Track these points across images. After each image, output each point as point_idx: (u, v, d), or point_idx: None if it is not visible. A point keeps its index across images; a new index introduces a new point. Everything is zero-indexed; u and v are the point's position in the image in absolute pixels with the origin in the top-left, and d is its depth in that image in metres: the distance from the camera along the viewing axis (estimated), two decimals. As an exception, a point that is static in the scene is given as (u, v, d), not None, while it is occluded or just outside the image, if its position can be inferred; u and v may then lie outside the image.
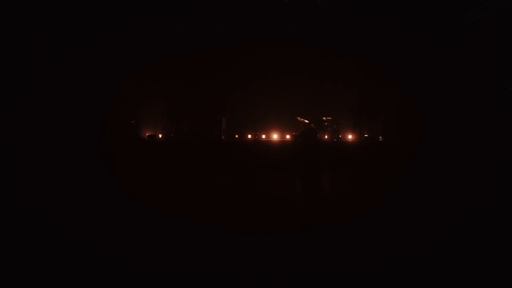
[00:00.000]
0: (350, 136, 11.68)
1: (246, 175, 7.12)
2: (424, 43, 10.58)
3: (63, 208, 3.68)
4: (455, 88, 9.81)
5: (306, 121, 12.28)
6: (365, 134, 11.33)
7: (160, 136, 12.74)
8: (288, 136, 13.48)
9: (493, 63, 8.82)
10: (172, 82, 13.41)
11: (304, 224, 3.13)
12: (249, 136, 12.91)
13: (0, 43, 8.94)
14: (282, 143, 9.87)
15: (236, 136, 12.96)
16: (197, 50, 13.19)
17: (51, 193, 4.51)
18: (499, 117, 7.96)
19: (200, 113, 13.00)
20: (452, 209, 3.58)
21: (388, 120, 11.15)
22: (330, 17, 11.79)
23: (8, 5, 8.95)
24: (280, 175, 7.03)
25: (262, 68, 13.11)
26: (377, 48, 11.53)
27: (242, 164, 7.97)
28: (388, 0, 10.87)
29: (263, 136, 13.09)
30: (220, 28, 12.86)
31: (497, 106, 8.21)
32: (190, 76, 13.63)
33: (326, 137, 11.96)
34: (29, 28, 9.93)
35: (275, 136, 13.42)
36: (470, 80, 9.36)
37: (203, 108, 13.14)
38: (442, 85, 10.19)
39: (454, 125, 8.94)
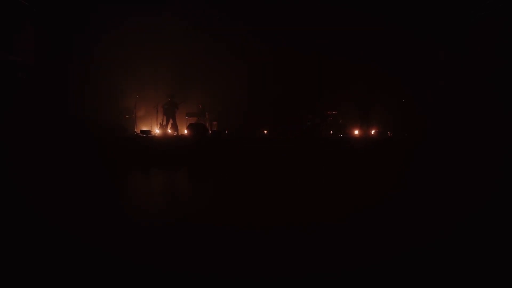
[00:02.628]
0: (356, 132, 11.32)
1: (246, 172, 7.03)
2: (426, 42, 10.53)
3: (58, 207, 3.67)
4: (456, 86, 9.75)
5: (311, 115, 11.98)
6: (372, 130, 10.98)
7: (157, 131, 12.52)
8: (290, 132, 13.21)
9: (494, 63, 8.75)
10: (169, 77, 13.31)
11: (305, 223, 3.11)
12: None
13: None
14: (284, 138, 9.65)
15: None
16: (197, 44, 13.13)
17: (45, 192, 4.50)
18: (499, 116, 7.90)
19: (200, 106, 12.90)
20: (452, 209, 3.58)
21: (397, 115, 10.87)
22: (332, 16, 11.70)
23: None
24: (281, 172, 6.95)
25: (263, 63, 13.02)
26: (378, 47, 11.50)
27: (243, 161, 7.91)
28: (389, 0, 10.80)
29: (265, 132, 12.93)
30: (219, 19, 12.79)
31: (498, 105, 8.14)
32: (188, 71, 13.56)
33: (331, 132, 11.64)
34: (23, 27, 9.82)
35: (277, 132, 13.22)
36: (473, 79, 9.27)
37: (202, 103, 13.05)
38: (444, 82, 10.13)
39: (455, 123, 8.84)
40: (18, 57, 9.42)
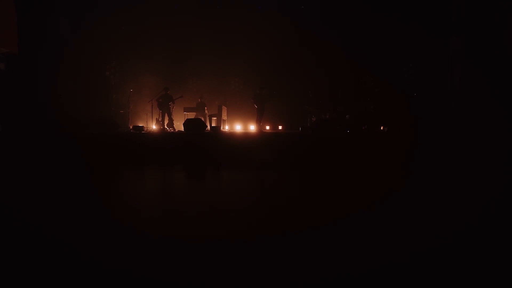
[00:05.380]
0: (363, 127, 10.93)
1: (245, 171, 6.73)
2: (426, 40, 10.34)
3: (45, 210, 3.51)
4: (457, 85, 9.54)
5: (316, 110, 11.66)
6: (381, 127, 10.62)
7: (154, 127, 12.04)
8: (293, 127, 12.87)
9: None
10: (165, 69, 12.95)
11: (305, 225, 2.99)
12: (252, 127, 12.27)
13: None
14: (289, 135, 9.23)
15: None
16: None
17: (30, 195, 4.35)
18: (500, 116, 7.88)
19: (199, 100, 12.48)
20: (455, 209, 3.53)
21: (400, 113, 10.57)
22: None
23: None
24: (286, 171, 6.68)
25: (265, 56, 12.71)
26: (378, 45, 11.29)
27: (243, 159, 7.55)
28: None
29: (267, 127, 12.49)
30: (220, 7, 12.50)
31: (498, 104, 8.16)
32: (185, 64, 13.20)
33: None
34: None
35: (280, 128, 12.87)
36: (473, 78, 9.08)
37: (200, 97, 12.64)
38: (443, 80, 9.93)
39: (455, 122, 8.68)
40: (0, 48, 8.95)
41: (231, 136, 8.85)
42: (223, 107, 12.54)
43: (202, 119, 11.26)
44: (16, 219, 3.09)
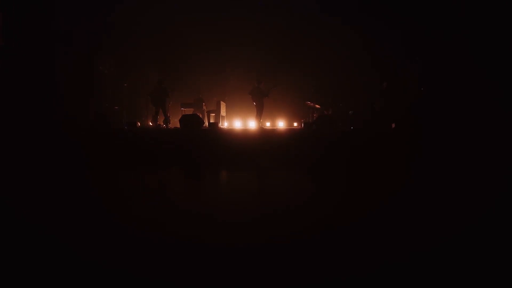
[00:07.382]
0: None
1: (246, 170, 6.58)
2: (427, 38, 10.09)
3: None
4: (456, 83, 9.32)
5: (318, 106, 11.27)
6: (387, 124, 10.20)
7: (151, 124, 11.63)
8: (295, 124, 12.62)
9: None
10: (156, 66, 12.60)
11: (307, 227, 2.93)
12: (252, 124, 11.93)
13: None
14: (290, 132, 8.95)
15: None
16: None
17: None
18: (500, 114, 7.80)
19: (197, 97, 12.09)
20: (458, 209, 3.47)
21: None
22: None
23: None
24: (287, 171, 6.56)
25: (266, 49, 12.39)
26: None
27: (242, 159, 7.29)
28: None
29: (268, 124, 12.09)
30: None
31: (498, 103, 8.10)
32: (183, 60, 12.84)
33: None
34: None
35: (281, 124, 12.51)
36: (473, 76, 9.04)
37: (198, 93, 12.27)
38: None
39: (455, 121, 8.53)
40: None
41: (230, 133, 8.47)
42: (222, 102, 12.15)
43: (200, 115, 10.83)
44: (15, 219, 3.06)
